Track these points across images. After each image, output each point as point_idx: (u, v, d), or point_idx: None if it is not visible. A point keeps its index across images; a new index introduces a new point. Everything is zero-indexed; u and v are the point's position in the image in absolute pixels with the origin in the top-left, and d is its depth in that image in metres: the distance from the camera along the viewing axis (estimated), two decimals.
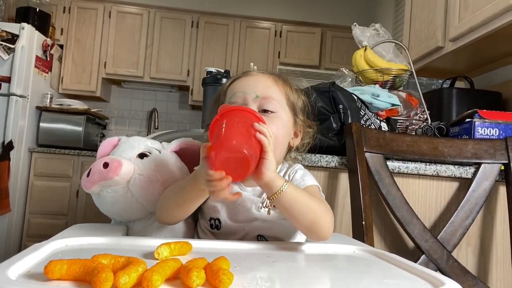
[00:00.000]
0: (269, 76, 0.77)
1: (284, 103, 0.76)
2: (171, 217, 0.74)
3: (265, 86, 0.74)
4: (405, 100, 1.44)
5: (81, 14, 3.67)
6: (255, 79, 0.76)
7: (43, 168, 3.07)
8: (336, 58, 3.84)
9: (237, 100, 0.73)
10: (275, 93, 0.75)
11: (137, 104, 4.02)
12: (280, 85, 0.76)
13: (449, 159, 1.10)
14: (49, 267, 0.41)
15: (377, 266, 0.59)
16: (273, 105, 0.73)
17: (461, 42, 1.63)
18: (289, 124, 0.77)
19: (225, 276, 0.43)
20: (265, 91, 0.73)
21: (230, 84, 0.78)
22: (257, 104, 0.73)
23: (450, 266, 1.02)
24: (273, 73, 0.78)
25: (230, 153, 0.57)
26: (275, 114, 0.73)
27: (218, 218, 0.77)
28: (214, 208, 0.77)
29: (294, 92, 0.79)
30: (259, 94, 0.72)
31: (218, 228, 0.77)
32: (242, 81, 0.76)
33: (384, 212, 1.11)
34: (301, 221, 0.66)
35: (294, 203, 0.64)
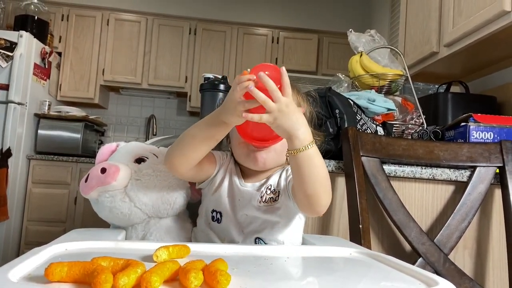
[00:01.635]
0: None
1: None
2: (186, 158, 0.73)
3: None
4: (401, 104, 1.46)
5: (79, 22, 3.70)
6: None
7: (41, 175, 3.07)
8: (333, 64, 3.87)
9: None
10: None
11: (135, 111, 4.03)
12: (295, 94, 0.78)
13: (444, 162, 1.11)
14: (49, 269, 0.42)
15: (373, 268, 0.60)
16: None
17: (455, 47, 1.65)
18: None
19: (222, 277, 0.43)
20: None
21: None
22: None
23: (447, 269, 1.03)
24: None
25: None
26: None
27: (220, 211, 0.79)
28: (217, 200, 0.80)
29: (304, 102, 0.82)
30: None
31: (219, 221, 0.78)
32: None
33: (381, 216, 1.12)
34: (306, 186, 0.66)
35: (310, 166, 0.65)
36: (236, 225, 0.79)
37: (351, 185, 1.06)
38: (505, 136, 1.19)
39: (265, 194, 0.78)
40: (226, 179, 0.82)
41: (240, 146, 0.79)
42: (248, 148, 0.77)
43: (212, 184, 0.82)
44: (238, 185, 0.81)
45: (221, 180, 0.82)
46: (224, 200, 0.80)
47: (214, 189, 0.82)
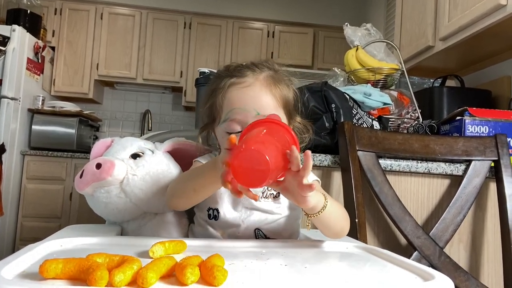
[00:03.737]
0: (265, 86, 0.74)
1: (282, 113, 0.75)
2: (184, 202, 0.74)
3: (264, 100, 0.73)
4: (397, 99, 1.46)
5: (73, 15, 3.66)
6: (253, 93, 0.73)
7: (36, 171, 3.05)
8: (329, 58, 3.86)
9: (237, 117, 0.72)
10: (274, 106, 0.73)
11: (130, 106, 4.01)
12: (277, 91, 0.75)
13: (440, 156, 1.12)
14: (44, 266, 0.41)
15: (369, 262, 0.60)
16: None
17: (451, 41, 1.65)
18: None
19: (219, 272, 0.43)
20: (265, 108, 0.72)
21: (226, 93, 0.75)
22: None
23: (442, 262, 1.03)
24: (267, 74, 0.76)
25: (253, 155, 0.54)
26: None
27: (217, 208, 0.78)
28: (213, 198, 0.78)
29: (287, 87, 0.78)
30: (259, 110, 0.71)
31: (216, 218, 0.77)
32: (240, 93, 0.74)
33: (377, 210, 1.12)
34: (333, 230, 0.70)
35: (332, 217, 0.66)
36: (236, 218, 0.77)
37: (347, 179, 1.06)
38: (500, 130, 1.20)
39: (266, 191, 0.77)
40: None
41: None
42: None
43: None
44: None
45: None
46: (220, 196, 0.78)
47: None
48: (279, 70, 0.80)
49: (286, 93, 0.77)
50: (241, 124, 0.73)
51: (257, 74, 0.75)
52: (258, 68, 0.77)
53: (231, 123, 0.73)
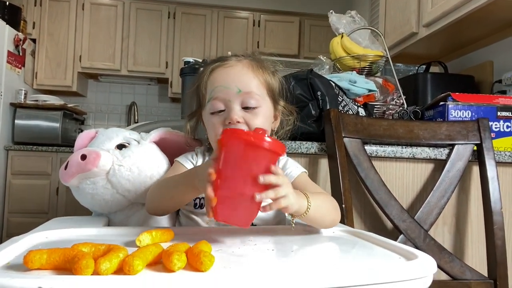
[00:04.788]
0: (248, 67, 0.76)
1: (265, 94, 0.76)
2: (162, 209, 0.74)
3: (245, 79, 0.74)
4: (382, 86, 1.47)
5: (53, 7, 3.57)
6: (236, 72, 0.75)
7: (21, 166, 3.00)
8: (315, 47, 3.86)
9: (219, 95, 0.73)
10: (256, 86, 0.75)
11: (116, 98, 3.95)
12: (260, 74, 0.76)
13: (424, 141, 1.13)
14: (28, 256, 0.41)
15: (355, 245, 0.61)
16: (255, 100, 0.73)
17: (434, 27, 1.66)
18: (270, 113, 0.78)
19: (206, 258, 0.43)
20: (247, 85, 0.73)
21: (210, 75, 0.77)
22: (240, 99, 0.73)
23: (427, 244, 1.05)
24: (251, 60, 0.78)
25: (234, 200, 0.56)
26: (258, 108, 0.74)
27: (203, 196, 0.77)
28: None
29: (272, 75, 0.79)
30: (241, 88, 0.72)
31: (202, 207, 0.77)
32: (222, 73, 0.75)
33: (363, 195, 1.14)
34: (323, 224, 0.70)
35: (318, 214, 0.65)
36: None
37: (333, 166, 1.07)
38: (482, 114, 1.22)
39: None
40: None
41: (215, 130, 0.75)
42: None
43: None
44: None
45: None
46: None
47: None
48: (264, 60, 0.81)
49: (270, 79, 0.78)
50: (224, 102, 0.73)
51: (241, 58, 0.77)
52: (243, 56, 0.79)
53: (214, 102, 0.74)
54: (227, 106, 0.73)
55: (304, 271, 0.44)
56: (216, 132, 0.74)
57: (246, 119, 0.73)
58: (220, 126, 0.73)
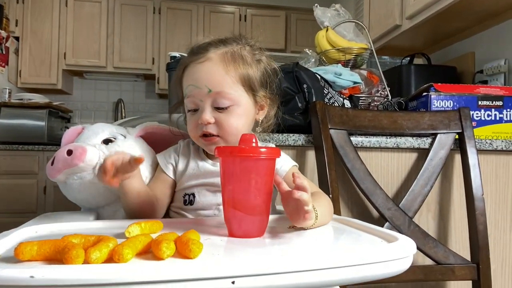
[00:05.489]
0: (221, 62, 0.73)
1: (240, 89, 0.74)
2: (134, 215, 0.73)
3: (217, 78, 0.72)
4: (366, 78, 1.49)
5: (36, 3, 3.51)
6: (206, 69, 0.72)
7: (7, 166, 2.96)
8: (301, 41, 3.87)
9: (191, 94, 0.73)
10: (228, 83, 0.72)
11: (102, 96, 3.92)
12: (232, 69, 0.73)
13: (407, 131, 1.16)
14: (19, 248, 0.42)
15: (340, 230, 0.63)
16: (227, 100, 0.72)
17: (417, 19, 1.69)
18: (248, 107, 0.76)
19: (194, 245, 0.44)
20: (218, 85, 0.71)
21: (185, 70, 0.76)
22: (211, 99, 0.72)
23: (412, 231, 1.08)
24: (225, 52, 0.74)
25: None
26: (231, 107, 0.72)
27: (193, 193, 0.78)
28: (187, 185, 0.79)
29: (250, 66, 0.76)
30: (212, 88, 0.71)
31: (192, 203, 0.78)
32: (195, 70, 0.74)
33: (350, 185, 1.16)
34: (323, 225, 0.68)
35: (321, 222, 0.64)
36: (210, 202, 0.78)
37: (320, 157, 1.09)
38: (464, 104, 1.25)
39: None
40: (191, 163, 0.79)
41: (192, 130, 0.76)
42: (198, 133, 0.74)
43: (178, 173, 0.80)
44: (208, 167, 0.78)
45: (185, 166, 0.79)
46: (194, 182, 0.78)
47: (180, 175, 0.80)
48: (248, 44, 0.79)
49: (247, 70, 0.75)
50: (195, 102, 0.73)
51: (217, 50, 0.74)
52: (223, 44, 0.76)
53: (187, 101, 0.75)
54: (199, 106, 0.73)
55: (293, 255, 0.46)
56: (192, 131, 0.75)
57: (218, 119, 0.72)
58: (195, 125, 0.74)
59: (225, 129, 0.73)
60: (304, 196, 0.56)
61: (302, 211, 0.57)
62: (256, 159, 0.57)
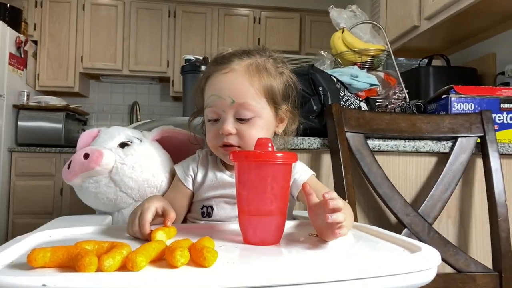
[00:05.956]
0: (245, 74, 0.72)
1: (263, 101, 0.73)
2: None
3: (241, 89, 0.71)
4: (384, 80, 1.47)
5: (54, 8, 3.57)
6: (230, 80, 0.72)
7: (25, 168, 3.01)
8: (316, 43, 3.84)
9: (213, 104, 0.72)
10: (252, 95, 0.71)
11: (118, 98, 3.96)
12: (256, 80, 0.72)
13: (427, 135, 1.13)
14: (32, 255, 0.41)
15: (358, 238, 0.61)
16: (250, 111, 0.71)
17: (436, 20, 1.65)
18: (270, 120, 0.75)
19: (209, 253, 0.43)
20: (242, 96, 0.71)
21: (207, 80, 0.75)
22: (233, 110, 0.71)
23: (431, 237, 1.05)
24: (249, 64, 0.73)
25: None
26: (253, 119, 0.71)
27: (211, 205, 0.77)
28: (205, 197, 0.77)
29: (274, 78, 0.75)
30: (235, 99, 0.70)
31: (210, 215, 0.76)
32: (218, 80, 0.73)
33: (367, 190, 1.13)
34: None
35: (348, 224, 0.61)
36: (229, 215, 0.76)
37: (336, 161, 1.07)
38: (485, 106, 1.21)
39: None
40: (209, 174, 0.78)
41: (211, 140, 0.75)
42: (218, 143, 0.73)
43: (196, 184, 0.79)
44: (226, 178, 0.77)
45: (203, 177, 0.78)
46: (212, 194, 0.77)
47: (198, 186, 0.78)
48: (271, 57, 0.78)
49: (271, 82, 0.74)
50: (217, 112, 0.72)
51: (242, 61, 0.73)
52: (247, 55, 0.75)
53: (209, 111, 0.74)
54: (220, 116, 0.72)
55: (309, 265, 0.44)
56: (212, 141, 0.74)
57: (240, 130, 0.71)
58: (215, 135, 0.73)
59: (246, 141, 0.71)
60: (340, 218, 0.53)
61: (335, 230, 0.53)
62: (272, 164, 0.56)
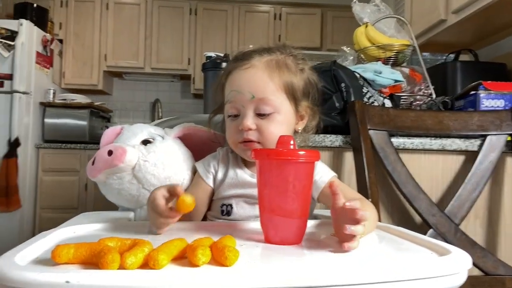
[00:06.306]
0: (265, 69, 0.72)
1: (282, 97, 0.72)
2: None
3: (260, 84, 0.71)
4: (409, 75, 1.43)
5: (79, 7, 3.65)
6: (250, 76, 0.72)
7: (51, 164, 3.10)
8: (338, 39, 3.79)
9: (233, 100, 0.72)
10: (272, 90, 0.71)
11: (140, 96, 4.02)
12: (276, 76, 0.72)
13: (454, 132, 1.09)
14: (56, 251, 0.42)
15: (384, 239, 0.59)
16: (269, 106, 0.70)
17: (464, 13, 1.59)
18: (290, 116, 0.74)
19: (231, 253, 0.43)
20: (262, 91, 0.70)
21: (228, 76, 0.75)
22: (253, 105, 0.70)
23: (458, 239, 1.02)
24: (269, 60, 0.73)
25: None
26: (273, 114, 0.71)
27: (231, 203, 0.76)
28: (225, 195, 0.77)
29: (294, 74, 0.74)
30: (255, 94, 0.70)
31: (229, 214, 0.76)
32: (238, 76, 0.73)
33: (390, 189, 1.11)
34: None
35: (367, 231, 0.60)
36: (248, 214, 0.75)
37: (359, 159, 1.05)
38: None
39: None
40: (230, 172, 0.78)
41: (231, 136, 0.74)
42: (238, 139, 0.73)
43: (217, 182, 0.79)
44: (246, 177, 0.76)
45: (224, 175, 0.78)
46: (233, 192, 0.76)
47: (218, 184, 0.78)
48: (292, 54, 0.77)
49: (291, 78, 0.73)
50: (237, 107, 0.72)
51: (262, 57, 0.73)
52: (267, 52, 0.75)
53: (228, 106, 0.74)
54: (240, 112, 0.72)
55: (332, 267, 0.43)
56: (231, 137, 0.74)
57: (260, 126, 0.71)
58: (235, 131, 0.73)
59: (266, 137, 0.71)
60: (359, 231, 0.51)
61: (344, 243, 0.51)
62: (294, 162, 0.54)
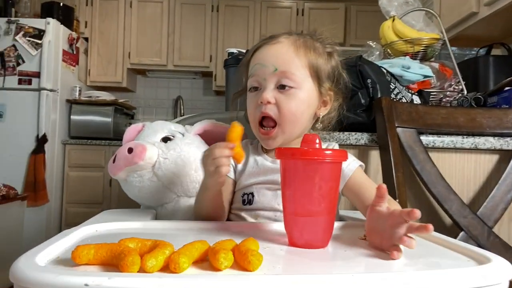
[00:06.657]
0: (292, 45, 0.72)
1: (306, 74, 0.72)
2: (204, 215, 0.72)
3: (285, 58, 0.71)
4: (438, 71, 1.37)
5: (104, 6, 3.71)
6: (276, 50, 0.72)
7: (77, 159, 3.17)
8: (362, 34, 3.70)
9: (256, 73, 0.72)
10: (296, 65, 0.71)
11: (163, 93, 4.06)
12: (302, 54, 0.72)
13: (488, 130, 1.04)
14: (76, 252, 0.41)
15: (416, 244, 0.56)
16: (292, 81, 0.70)
17: (497, 6, 1.52)
18: (312, 96, 0.73)
19: (254, 257, 0.41)
20: (285, 64, 0.70)
21: (254, 53, 0.75)
22: (275, 78, 0.70)
23: (491, 242, 0.97)
24: (297, 39, 0.74)
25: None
26: (294, 90, 0.70)
27: (252, 192, 0.75)
28: (245, 184, 0.76)
29: (321, 56, 0.74)
30: (278, 67, 0.70)
31: (250, 202, 0.75)
32: (263, 50, 0.73)
33: (419, 189, 1.06)
34: None
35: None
36: (270, 201, 0.74)
37: (386, 158, 1.01)
38: None
39: None
40: (250, 160, 0.77)
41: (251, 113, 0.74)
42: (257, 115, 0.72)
43: (237, 173, 0.78)
44: (267, 164, 0.76)
45: (244, 165, 0.77)
46: (254, 180, 0.76)
47: (239, 174, 0.78)
48: (320, 40, 0.76)
49: (316, 58, 0.73)
50: (258, 81, 0.72)
51: (290, 36, 0.74)
52: (296, 34, 0.75)
53: (251, 80, 0.73)
54: (261, 84, 0.71)
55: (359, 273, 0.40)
56: (251, 114, 0.73)
57: (279, 101, 0.70)
58: (255, 106, 0.72)
59: (284, 114, 0.70)
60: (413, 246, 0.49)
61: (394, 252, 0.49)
62: (320, 162, 0.52)
